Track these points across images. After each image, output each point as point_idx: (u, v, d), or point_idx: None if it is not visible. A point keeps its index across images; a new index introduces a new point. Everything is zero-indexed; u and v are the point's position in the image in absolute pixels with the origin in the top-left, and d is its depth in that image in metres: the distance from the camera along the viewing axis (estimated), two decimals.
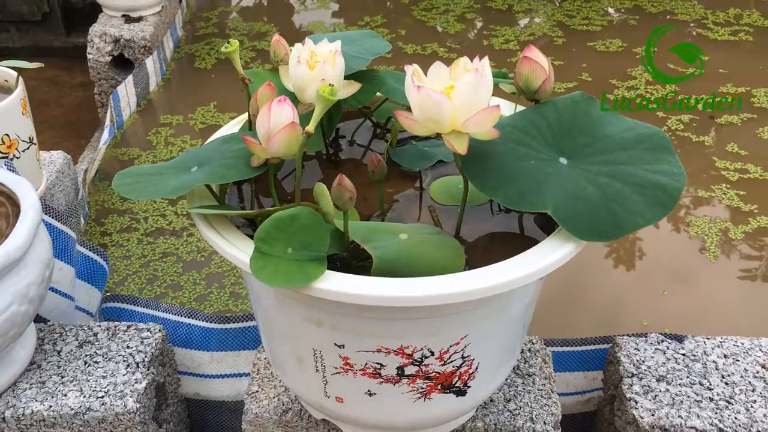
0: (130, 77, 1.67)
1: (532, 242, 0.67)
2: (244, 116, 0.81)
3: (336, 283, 0.60)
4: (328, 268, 0.62)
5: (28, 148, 1.10)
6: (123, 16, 1.82)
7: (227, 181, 0.66)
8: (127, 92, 1.66)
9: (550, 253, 0.63)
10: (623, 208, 0.64)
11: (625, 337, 0.93)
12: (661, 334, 0.93)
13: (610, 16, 2.13)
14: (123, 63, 1.79)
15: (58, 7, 2.51)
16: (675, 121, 1.63)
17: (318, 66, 0.71)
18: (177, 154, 1.57)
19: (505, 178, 0.65)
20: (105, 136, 1.53)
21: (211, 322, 1.00)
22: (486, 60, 0.62)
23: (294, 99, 0.75)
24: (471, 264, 0.66)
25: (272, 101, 0.66)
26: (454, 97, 0.60)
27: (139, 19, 1.81)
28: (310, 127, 0.61)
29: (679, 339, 0.93)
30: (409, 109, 0.64)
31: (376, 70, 0.81)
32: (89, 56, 1.77)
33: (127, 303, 1.06)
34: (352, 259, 0.67)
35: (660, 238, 1.33)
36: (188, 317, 1.01)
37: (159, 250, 1.30)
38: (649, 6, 2.17)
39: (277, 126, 0.65)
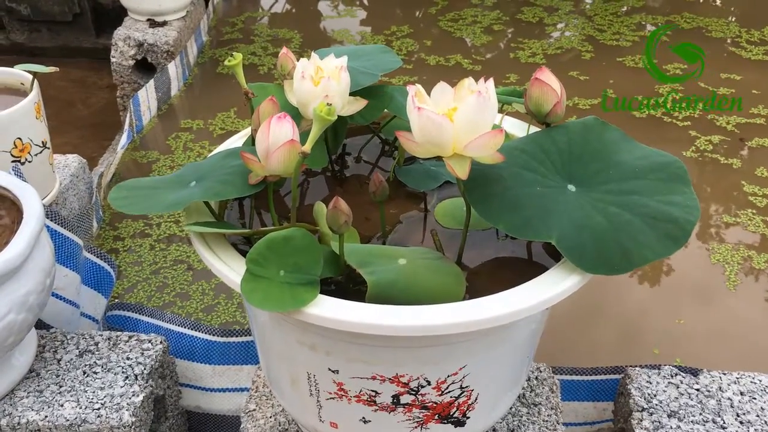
0: (151, 81, 1.67)
1: (538, 269, 0.64)
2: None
3: (328, 309, 0.58)
4: (323, 292, 0.60)
5: (40, 152, 1.10)
6: (148, 20, 1.83)
7: (223, 199, 0.64)
8: (147, 96, 1.66)
9: (555, 285, 0.61)
10: (632, 240, 0.61)
11: (637, 368, 0.90)
12: (675, 366, 0.90)
13: (642, 31, 2.09)
14: (146, 67, 1.79)
15: (88, 8, 2.53)
16: (704, 141, 1.58)
17: (322, 82, 0.69)
18: (195, 159, 1.56)
19: (509, 204, 0.63)
20: (123, 140, 1.53)
21: (214, 335, 0.99)
22: (491, 82, 0.60)
23: (298, 115, 0.73)
24: (472, 292, 0.63)
25: (272, 117, 0.64)
26: (457, 120, 0.58)
27: (163, 24, 1.81)
28: (306, 147, 0.59)
29: (694, 373, 0.90)
30: None
31: (385, 86, 0.79)
32: (113, 59, 1.78)
33: (133, 311, 1.05)
34: (349, 283, 0.65)
35: (679, 264, 1.29)
36: (192, 329, 1.00)
37: (170, 258, 1.30)
38: (683, 22, 2.12)
39: (276, 143, 0.63)
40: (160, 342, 0.93)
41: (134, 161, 1.58)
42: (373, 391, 0.65)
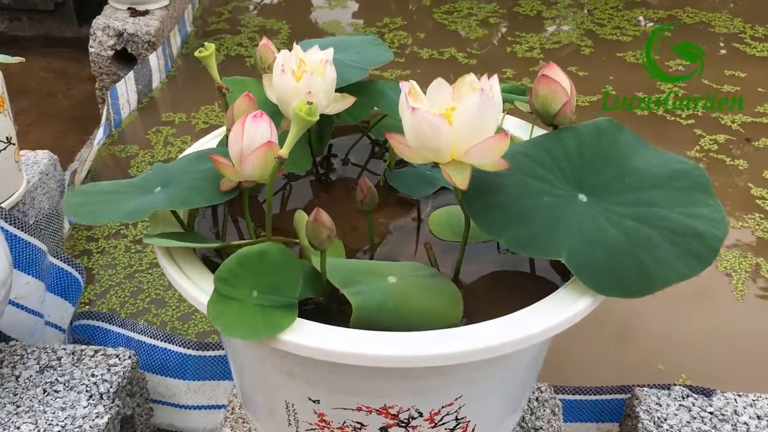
0: (130, 74, 1.59)
1: (544, 287, 0.57)
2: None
3: (307, 336, 0.51)
4: (301, 311, 0.53)
5: (4, 149, 1.02)
6: (129, 8, 1.75)
7: (190, 207, 0.57)
8: (126, 89, 1.58)
9: (563, 308, 0.54)
10: (651, 257, 0.54)
11: (645, 388, 0.83)
12: (686, 387, 0.83)
13: (643, 26, 2.02)
14: (127, 58, 1.71)
15: None
16: (708, 141, 1.52)
17: (305, 77, 0.62)
18: (176, 155, 1.49)
19: (513, 217, 0.56)
20: (99, 134, 1.45)
21: (189, 348, 0.92)
22: (495, 80, 0.53)
23: (278, 113, 0.66)
24: (470, 314, 0.57)
25: (247, 116, 0.57)
26: (456, 122, 0.51)
27: (145, 13, 1.73)
28: (284, 152, 0.52)
29: (707, 393, 0.83)
30: None
31: (375, 82, 0.72)
32: (91, 50, 1.70)
33: (102, 321, 0.98)
34: (332, 302, 0.57)
35: None
36: (165, 341, 0.93)
37: (146, 260, 1.22)
38: (685, 17, 2.06)
39: (251, 145, 0.56)
40: (129, 357, 0.85)
41: (112, 156, 1.50)
42: (358, 423, 0.58)
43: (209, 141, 0.72)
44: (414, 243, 0.66)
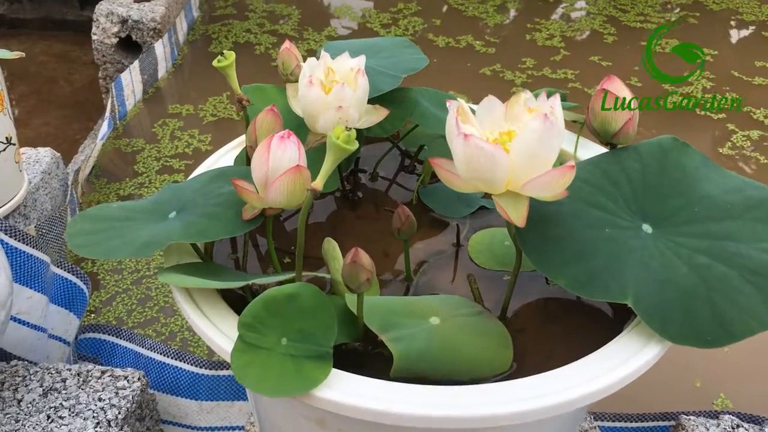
0: (135, 63, 1.52)
1: (596, 318, 0.52)
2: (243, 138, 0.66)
3: (344, 392, 0.45)
4: (334, 355, 0.47)
5: (4, 150, 0.96)
6: None
7: (209, 240, 0.51)
8: (132, 79, 1.51)
9: (629, 359, 0.48)
10: (730, 302, 0.48)
11: (692, 417, 0.78)
12: (734, 414, 0.78)
13: (668, 12, 1.94)
14: (131, 46, 1.64)
15: None
16: (741, 137, 1.45)
17: (335, 88, 0.56)
18: (183, 150, 1.42)
19: (572, 253, 0.50)
20: (104, 129, 1.39)
21: (201, 366, 0.86)
22: (557, 99, 0.46)
23: (303, 126, 0.60)
24: (519, 356, 0.51)
25: (273, 137, 0.50)
26: (514, 151, 0.44)
27: None
28: (318, 183, 0.46)
29: (757, 421, 0.77)
30: (446, 145, 0.48)
31: (407, 90, 0.65)
32: (93, 37, 1.63)
33: (109, 334, 0.92)
34: (368, 344, 0.52)
35: None
36: (176, 359, 0.87)
37: (154, 265, 1.16)
38: (711, 3, 1.98)
39: (278, 170, 0.50)
40: (138, 378, 0.80)
41: (116, 150, 1.44)
42: None
43: (225, 155, 0.65)
44: (452, 270, 0.60)
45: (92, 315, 1.08)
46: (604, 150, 0.60)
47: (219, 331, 0.49)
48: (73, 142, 1.92)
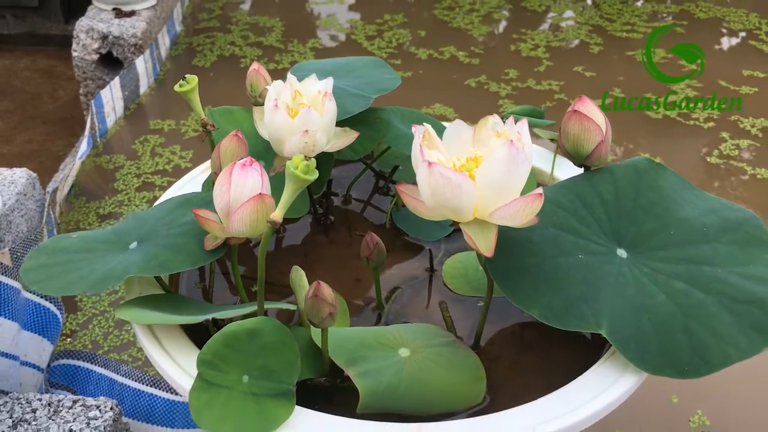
0: (116, 80, 1.50)
1: (572, 345, 0.50)
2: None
3: (307, 430, 0.43)
4: (297, 391, 0.45)
5: None
6: (114, 9, 1.65)
7: (169, 273, 0.49)
8: (112, 96, 1.49)
9: (603, 391, 0.46)
10: (708, 330, 0.46)
11: None
12: None
13: (656, 21, 1.93)
14: (112, 62, 1.62)
15: None
16: (730, 146, 1.43)
17: (301, 113, 0.54)
18: (163, 167, 1.40)
19: (545, 282, 0.48)
20: (83, 147, 1.37)
21: (176, 394, 0.84)
22: (524, 124, 0.45)
23: (271, 150, 0.58)
24: (493, 387, 0.49)
25: (234, 164, 0.49)
26: (480, 180, 0.43)
27: (131, 14, 1.64)
28: (276, 215, 0.44)
29: None
30: None
31: (379, 110, 0.64)
32: (74, 53, 1.61)
33: (83, 360, 0.90)
34: (334, 377, 0.50)
35: None
36: (151, 386, 0.85)
37: None
38: (698, 11, 1.97)
39: (240, 199, 0.48)
40: (111, 408, 0.78)
41: (97, 168, 1.42)
42: None
43: (191, 180, 0.63)
44: (426, 297, 0.58)
45: (68, 339, 1.05)
46: (581, 170, 0.58)
47: (179, 367, 0.47)
48: (56, 159, 1.89)
